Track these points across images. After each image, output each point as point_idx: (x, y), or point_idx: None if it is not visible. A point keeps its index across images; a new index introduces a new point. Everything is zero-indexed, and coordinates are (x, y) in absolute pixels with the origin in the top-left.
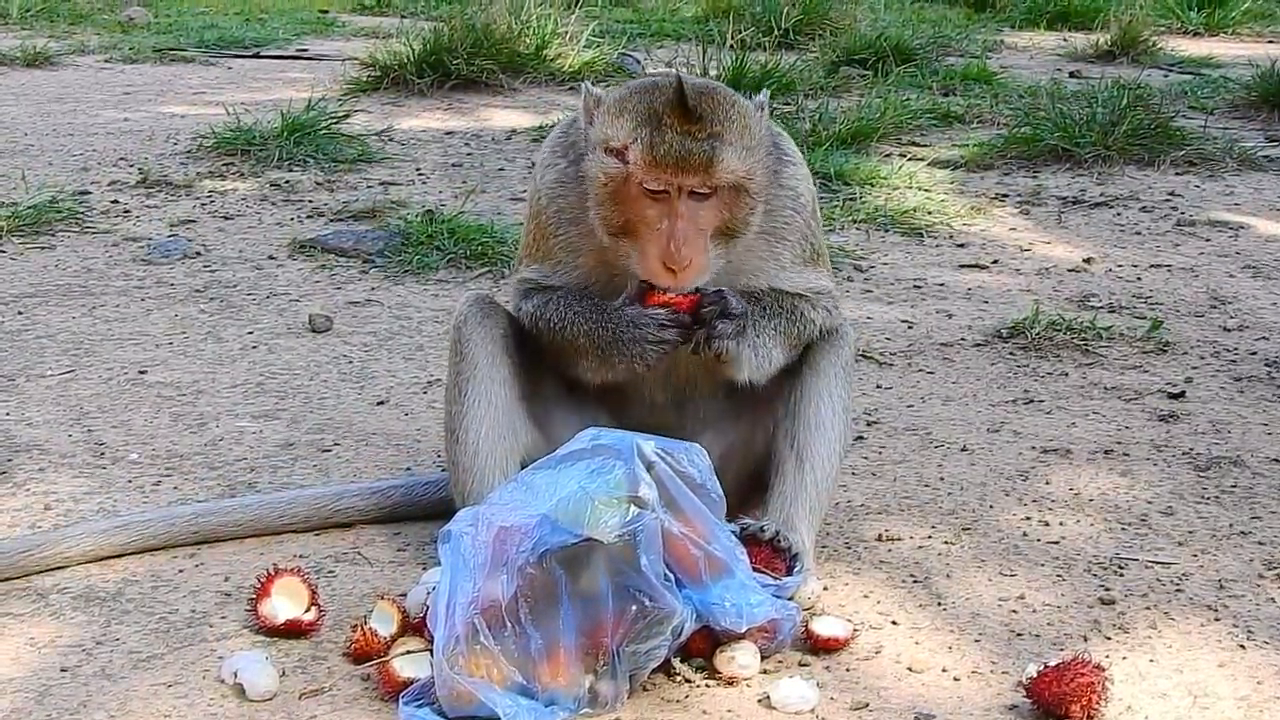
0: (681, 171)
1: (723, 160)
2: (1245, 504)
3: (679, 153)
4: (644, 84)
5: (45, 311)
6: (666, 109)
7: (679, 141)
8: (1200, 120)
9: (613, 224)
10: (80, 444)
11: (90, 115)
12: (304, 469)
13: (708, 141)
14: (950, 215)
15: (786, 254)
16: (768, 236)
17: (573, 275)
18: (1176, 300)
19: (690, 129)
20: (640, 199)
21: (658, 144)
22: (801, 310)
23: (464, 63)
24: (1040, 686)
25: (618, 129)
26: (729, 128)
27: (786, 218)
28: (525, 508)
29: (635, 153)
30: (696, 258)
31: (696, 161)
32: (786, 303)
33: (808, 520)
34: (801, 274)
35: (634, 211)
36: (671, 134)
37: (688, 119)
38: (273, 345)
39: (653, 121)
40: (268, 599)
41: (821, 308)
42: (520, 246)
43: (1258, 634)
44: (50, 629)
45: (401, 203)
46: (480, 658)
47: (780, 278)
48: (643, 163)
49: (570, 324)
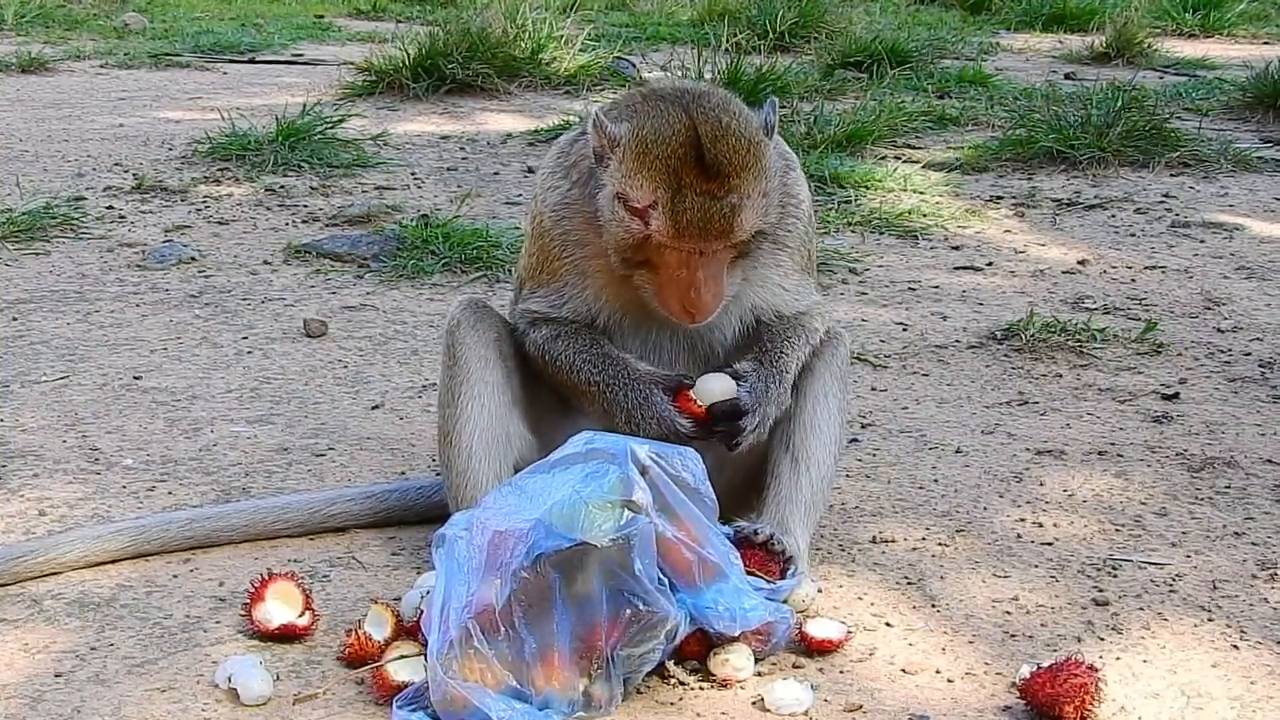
0: (705, 238)
1: (744, 221)
2: (1239, 505)
3: (702, 220)
4: (659, 125)
5: (40, 317)
6: (685, 167)
7: (700, 206)
8: (1195, 122)
9: (630, 264)
10: (74, 449)
11: (85, 121)
12: (299, 474)
13: (728, 200)
14: (945, 218)
15: (788, 261)
16: (771, 244)
17: (581, 300)
18: (1171, 302)
19: (710, 188)
20: (661, 250)
21: (680, 212)
22: (808, 327)
23: (459, 67)
24: (1034, 687)
25: (637, 188)
26: (747, 178)
27: (789, 225)
28: (520, 512)
29: (657, 220)
30: (716, 298)
31: (719, 228)
32: (799, 330)
33: (803, 523)
34: (800, 287)
35: (654, 258)
36: (692, 197)
37: (706, 176)
38: (268, 350)
39: (673, 184)
40: (262, 604)
41: (819, 317)
42: (522, 268)
43: (1251, 634)
44: (44, 634)
45: (397, 207)
46: (475, 662)
47: (781, 293)
48: (666, 231)
49: (583, 373)
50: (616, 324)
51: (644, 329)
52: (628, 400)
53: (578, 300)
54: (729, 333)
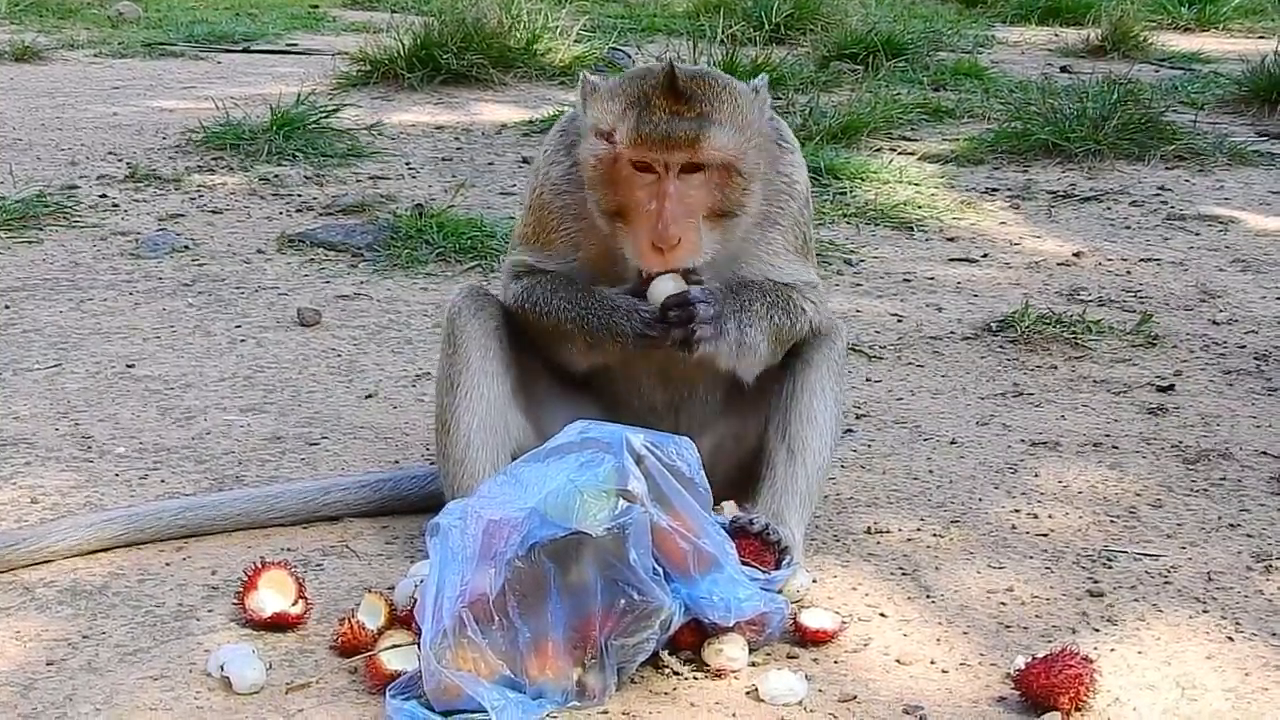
0: (667, 147)
1: (710, 137)
2: (1234, 496)
3: (665, 129)
4: (639, 70)
5: (32, 305)
6: (656, 91)
7: (665, 119)
8: (1190, 115)
9: (607, 207)
10: (67, 438)
11: (79, 110)
12: (292, 462)
13: (695, 120)
14: (940, 209)
15: (779, 240)
16: (762, 222)
17: (569, 265)
18: (1166, 294)
19: (679, 109)
20: (630, 180)
21: (644, 122)
22: (791, 299)
23: (454, 58)
24: (1029, 678)
25: (608, 112)
26: (718, 108)
27: (782, 203)
28: (514, 501)
29: (622, 132)
30: (686, 237)
31: (682, 137)
32: (777, 292)
33: (798, 513)
34: (792, 264)
35: (625, 193)
36: (659, 113)
37: (677, 99)
38: (261, 339)
39: (641, 103)
40: (255, 592)
41: (809, 300)
42: (517, 234)
43: (1246, 626)
44: (36, 623)
45: (391, 197)
46: (468, 651)
47: (772, 266)
48: (629, 141)
49: (558, 308)
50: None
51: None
52: (594, 315)
53: (567, 266)
54: None
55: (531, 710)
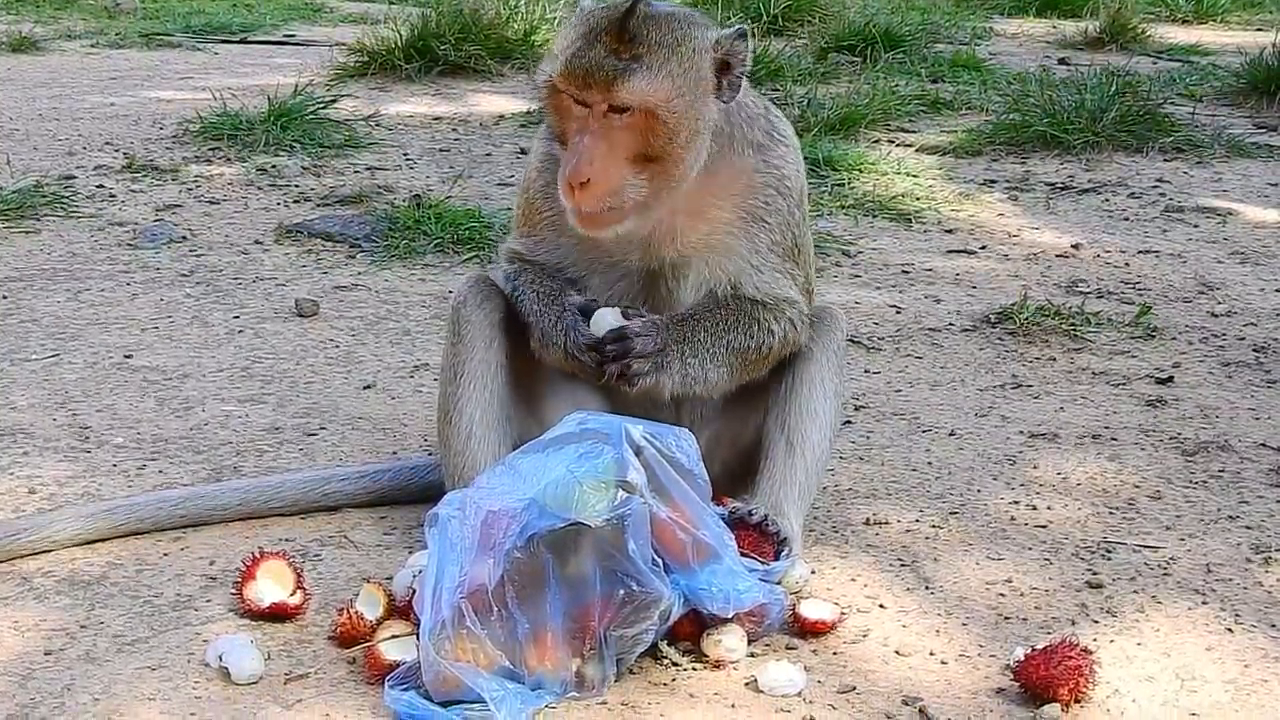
0: (586, 85)
1: (631, 82)
2: (1232, 488)
3: (588, 67)
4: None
5: (30, 296)
6: (605, 26)
7: (596, 57)
8: (1189, 107)
9: (556, 135)
10: (65, 428)
11: (76, 100)
12: (290, 453)
13: (626, 62)
14: (939, 201)
15: (764, 238)
16: (745, 217)
17: (556, 254)
18: (1165, 286)
19: (617, 48)
20: (568, 112)
21: (576, 57)
22: (757, 320)
23: (452, 48)
24: (1028, 670)
25: (562, 39)
26: (656, 52)
27: (768, 197)
28: (513, 492)
29: (557, 62)
30: (600, 180)
31: (602, 77)
32: (738, 313)
33: (796, 505)
34: (773, 272)
35: (562, 121)
36: (596, 50)
37: (619, 38)
38: (259, 330)
39: (587, 35)
40: (253, 582)
41: (783, 318)
42: (514, 216)
43: (1245, 618)
44: (34, 613)
45: (388, 188)
46: (467, 642)
47: (749, 270)
48: (557, 71)
49: (525, 304)
50: (585, 283)
51: (611, 292)
52: (543, 320)
53: (553, 255)
54: (690, 299)
55: (530, 701)
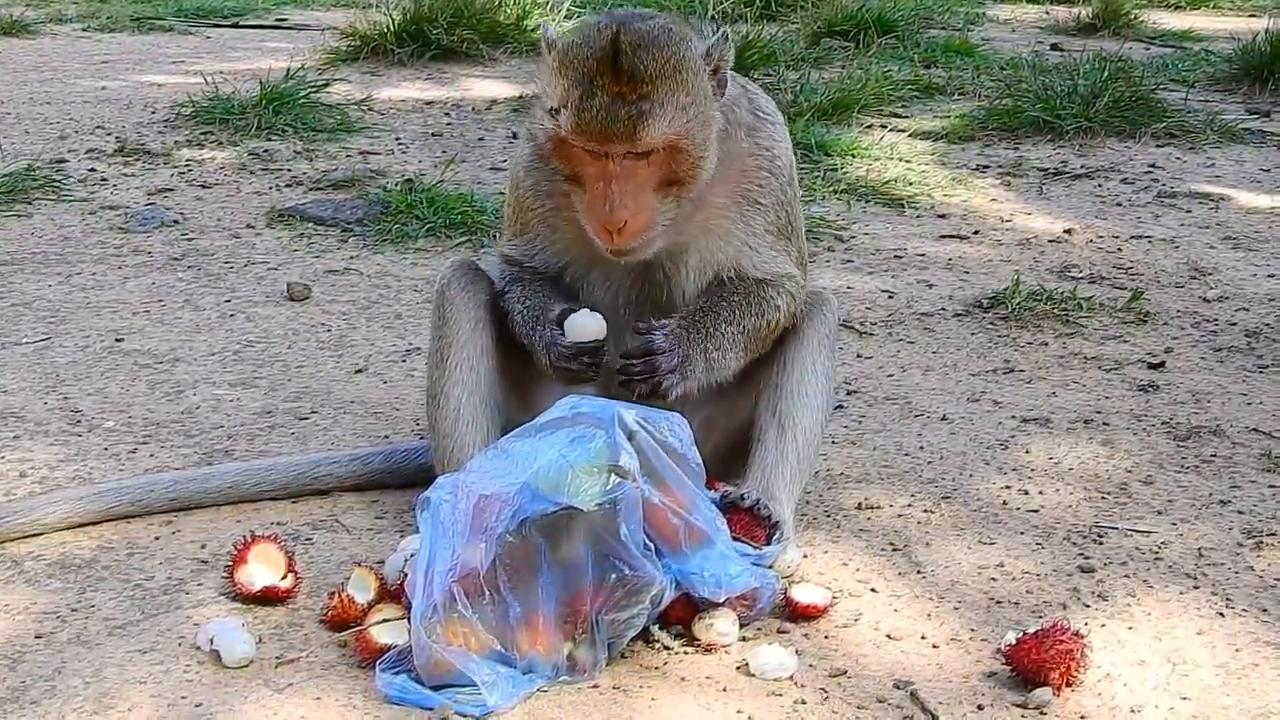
0: (607, 139)
1: (649, 126)
2: (1224, 473)
3: (604, 120)
4: (589, 32)
5: (21, 279)
6: (599, 68)
7: (606, 107)
8: (1181, 93)
9: (563, 173)
10: (56, 412)
11: (67, 84)
12: (282, 437)
13: (636, 105)
14: (931, 186)
15: (759, 220)
16: (739, 200)
17: (550, 252)
18: (1157, 271)
19: (621, 90)
20: (579, 155)
21: (584, 110)
22: (764, 298)
23: (444, 33)
24: (1019, 654)
25: (553, 88)
26: (661, 86)
27: (761, 179)
28: (505, 476)
29: (564, 117)
30: (635, 218)
31: (621, 129)
32: (747, 295)
33: (788, 489)
34: (771, 250)
35: (575, 166)
36: (600, 98)
37: (618, 80)
38: (251, 314)
39: (584, 83)
40: (244, 566)
41: (785, 292)
42: (505, 216)
43: (1236, 602)
44: (25, 596)
45: (381, 172)
46: (458, 625)
47: (747, 251)
48: (570, 129)
49: (513, 315)
50: (582, 277)
51: (610, 282)
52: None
53: (548, 253)
54: (690, 286)
55: (522, 685)
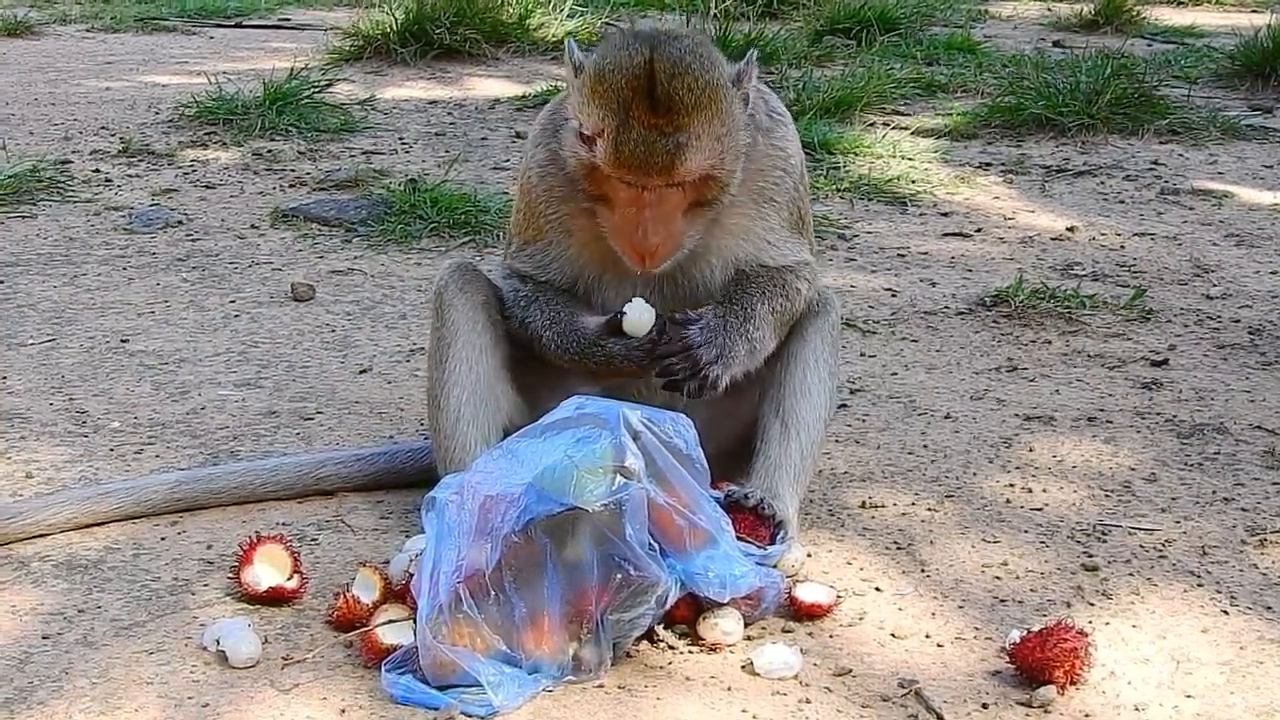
0: (645, 173)
1: (687, 159)
2: (1228, 471)
3: (643, 154)
4: (620, 57)
5: (26, 280)
6: (635, 99)
7: (644, 140)
8: (1184, 89)
9: (590, 194)
10: (62, 412)
11: (72, 84)
12: (286, 437)
13: (674, 138)
14: (934, 184)
15: (775, 217)
16: (756, 198)
17: (565, 259)
18: (1160, 268)
19: (657, 123)
20: (611, 181)
21: (623, 143)
22: (788, 282)
23: (447, 32)
24: (1023, 652)
25: (588, 115)
26: (698, 117)
27: (776, 178)
28: (510, 476)
29: (601, 148)
30: (666, 243)
31: (660, 163)
32: (773, 280)
33: (792, 488)
34: (787, 243)
35: (606, 190)
36: (638, 130)
37: (655, 111)
38: (255, 314)
39: (620, 114)
40: (250, 566)
41: (804, 278)
42: (512, 224)
43: (1240, 600)
44: (32, 596)
45: (384, 172)
46: (464, 626)
47: (766, 247)
48: (608, 161)
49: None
50: (597, 281)
51: (626, 286)
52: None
53: (562, 260)
54: (712, 288)
55: (527, 685)
